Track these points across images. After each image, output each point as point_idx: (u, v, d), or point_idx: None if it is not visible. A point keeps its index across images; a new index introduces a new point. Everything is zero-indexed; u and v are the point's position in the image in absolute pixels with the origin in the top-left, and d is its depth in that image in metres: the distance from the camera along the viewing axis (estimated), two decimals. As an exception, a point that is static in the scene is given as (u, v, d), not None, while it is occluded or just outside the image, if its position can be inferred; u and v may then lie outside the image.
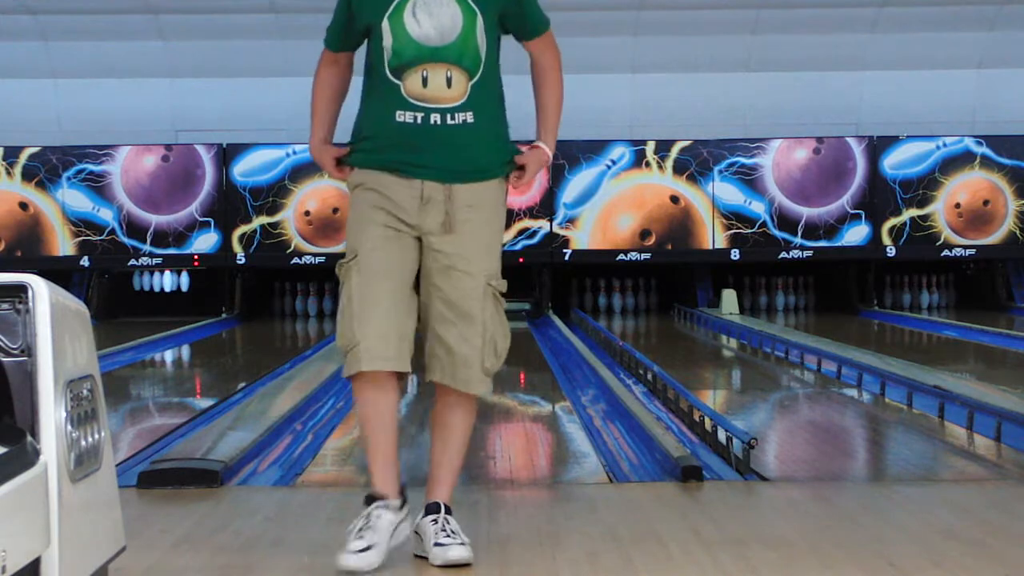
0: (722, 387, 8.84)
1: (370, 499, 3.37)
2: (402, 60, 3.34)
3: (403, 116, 3.33)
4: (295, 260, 14.29)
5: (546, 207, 14.41)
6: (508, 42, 3.63)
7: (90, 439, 2.56)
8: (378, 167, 3.37)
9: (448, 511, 3.41)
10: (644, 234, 14.47)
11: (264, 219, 14.29)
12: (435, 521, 3.37)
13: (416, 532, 3.41)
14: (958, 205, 14.61)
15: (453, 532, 3.34)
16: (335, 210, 14.15)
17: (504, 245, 3.55)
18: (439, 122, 3.33)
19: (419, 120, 3.33)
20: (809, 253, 14.51)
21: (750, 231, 14.49)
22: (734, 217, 14.47)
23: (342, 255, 3.40)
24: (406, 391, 7.76)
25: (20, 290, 2.42)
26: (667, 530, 3.75)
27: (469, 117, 3.36)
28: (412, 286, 3.39)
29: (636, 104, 14.82)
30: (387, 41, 3.34)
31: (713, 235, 14.47)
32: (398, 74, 3.34)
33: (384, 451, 3.42)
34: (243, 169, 14.36)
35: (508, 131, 3.51)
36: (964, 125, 14.79)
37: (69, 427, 2.44)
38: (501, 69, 3.55)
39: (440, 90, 3.34)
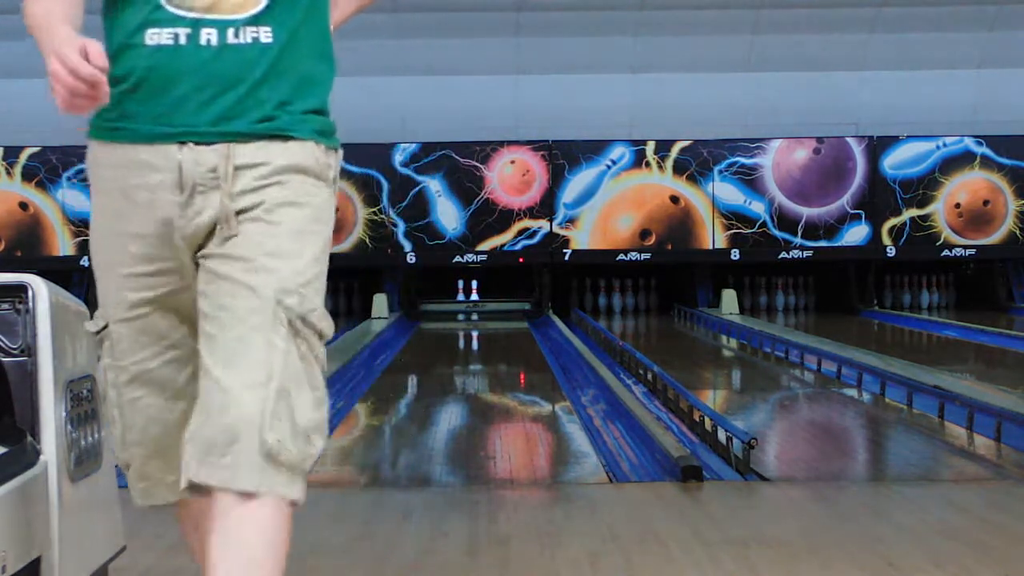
0: (722, 387, 8.84)
1: None
2: None
3: (157, 36, 2.01)
4: (295, 260, 14.25)
5: (546, 207, 14.41)
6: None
7: (90, 439, 2.56)
8: (114, 136, 2.08)
9: None
10: (644, 234, 14.48)
11: (264, 219, 14.28)
12: None
13: None
14: (958, 205, 14.62)
15: None
16: (335, 209, 14.10)
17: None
18: (214, 42, 2.00)
19: (183, 39, 2.00)
20: (809, 253, 14.51)
21: (750, 231, 14.49)
22: (734, 217, 14.48)
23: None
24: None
25: (20, 290, 2.42)
26: (667, 530, 3.75)
27: (264, 35, 2.02)
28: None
29: (636, 104, 14.82)
30: None
31: (713, 235, 14.47)
32: None
33: None
34: (243, 169, 14.36)
35: (332, 75, 2.14)
36: (964, 125, 14.80)
37: (69, 427, 2.44)
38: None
39: None
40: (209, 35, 2.01)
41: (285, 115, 2.05)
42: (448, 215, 14.38)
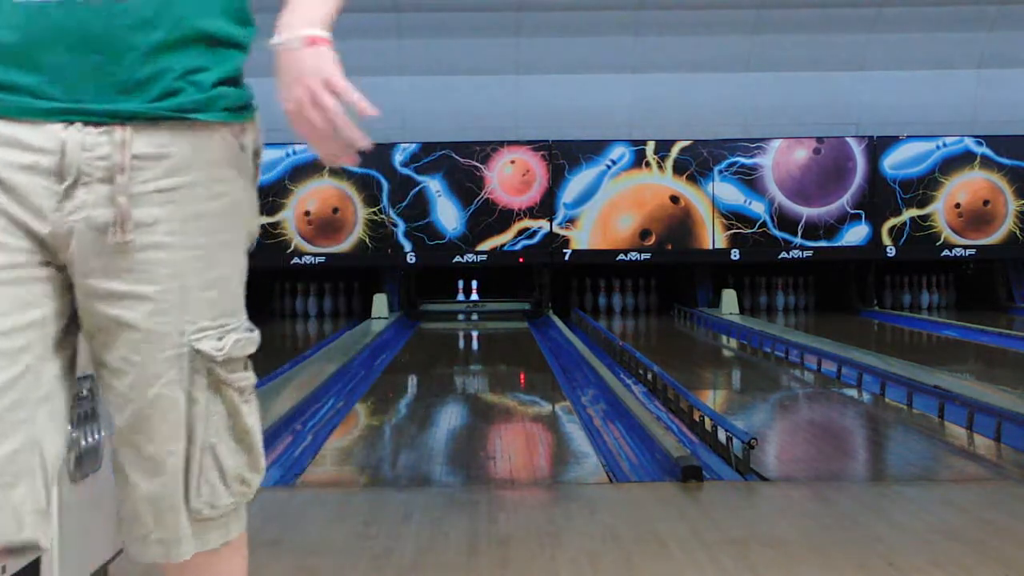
0: (722, 387, 8.84)
1: None
2: None
3: None
4: (295, 260, 14.28)
5: (546, 207, 14.42)
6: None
7: (90, 439, 2.56)
8: None
9: None
10: (644, 234, 14.48)
11: (264, 219, 14.27)
12: None
13: None
14: (958, 205, 14.62)
15: None
16: (335, 210, 14.13)
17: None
18: None
19: None
20: (809, 253, 14.52)
21: (750, 231, 14.49)
22: (734, 217, 14.48)
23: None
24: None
25: (20, 290, 2.42)
26: (667, 530, 3.75)
27: None
28: (52, 360, 1.69)
29: (636, 104, 14.82)
30: None
31: (713, 235, 14.47)
32: None
33: None
34: (243, 169, 14.35)
35: (251, 37, 1.74)
36: (964, 125, 14.80)
37: (69, 427, 2.43)
38: None
39: None
40: None
41: (191, 89, 1.65)
42: (448, 215, 14.38)
